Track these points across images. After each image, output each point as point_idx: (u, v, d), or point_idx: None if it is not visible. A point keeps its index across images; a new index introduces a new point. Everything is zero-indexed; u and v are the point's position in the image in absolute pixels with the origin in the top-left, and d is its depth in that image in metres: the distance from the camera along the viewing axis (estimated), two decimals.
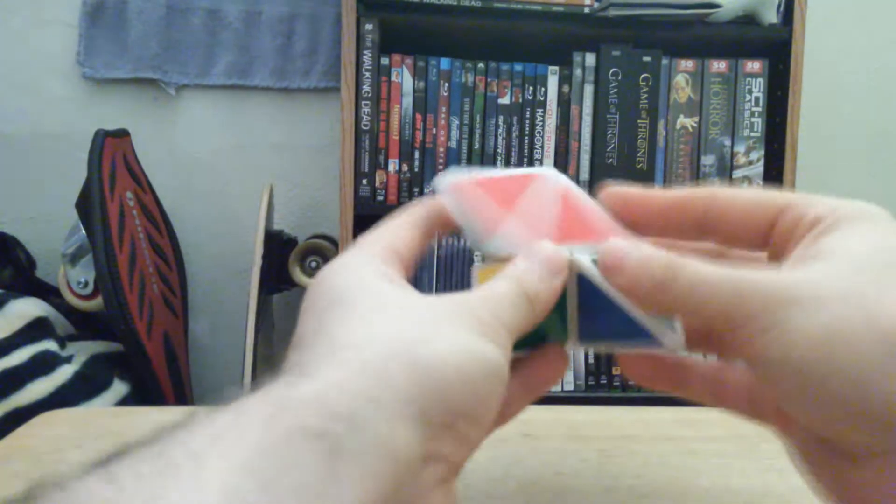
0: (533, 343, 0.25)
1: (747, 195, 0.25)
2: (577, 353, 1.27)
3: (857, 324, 0.19)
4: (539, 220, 0.26)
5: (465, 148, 1.26)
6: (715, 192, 0.26)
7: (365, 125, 1.22)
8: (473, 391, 0.19)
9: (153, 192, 1.35)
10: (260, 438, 0.16)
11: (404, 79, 1.24)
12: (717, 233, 0.26)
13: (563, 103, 1.26)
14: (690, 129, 1.28)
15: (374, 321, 0.20)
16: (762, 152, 1.28)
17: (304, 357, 0.19)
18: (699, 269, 0.22)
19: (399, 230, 0.26)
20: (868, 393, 0.19)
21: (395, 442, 0.17)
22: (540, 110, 1.26)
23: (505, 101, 1.26)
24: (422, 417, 0.18)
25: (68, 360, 1.08)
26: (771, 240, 0.25)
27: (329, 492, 0.16)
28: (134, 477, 0.15)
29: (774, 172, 1.27)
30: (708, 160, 1.28)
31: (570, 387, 1.27)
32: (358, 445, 0.16)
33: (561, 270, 0.24)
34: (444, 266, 1.26)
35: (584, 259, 0.24)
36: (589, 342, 0.26)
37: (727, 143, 1.28)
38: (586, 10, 1.20)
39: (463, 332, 0.20)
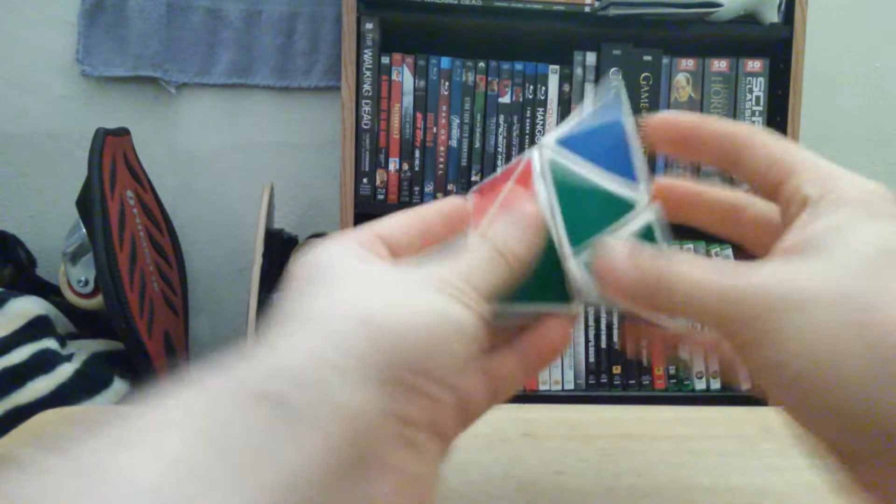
0: (531, 299, 0.25)
1: (762, 151, 0.24)
2: (578, 353, 1.27)
3: (847, 332, 0.19)
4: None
5: (465, 147, 1.26)
6: (738, 138, 0.25)
7: (365, 124, 1.22)
8: (434, 350, 0.19)
9: (153, 190, 1.35)
10: (213, 406, 0.16)
11: (405, 78, 1.24)
12: (739, 175, 0.26)
13: (564, 102, 1.26)
14: None
15: (341, 293, 0.20)
16: None
17: (271, 334, 0.19)
18: (691, 276, 0.22)
19: (393, 218, 0.26)
20: (864, 403, 0.18)
21: (351, 404, 0.17)
22: (541, 109, 1.26)
23: (505, 100, 1.26)
24: (379, 378, 0.18)
25: (68, 358, 1.08)
26: (777, 203, 0.24)
27: (284, 454, 0.16)
28: (86, 449, 0.15)
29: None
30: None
31: (570, 386, 1.27)
32: (313, 408, 0.16)
33: (532, 223, 0.24)
34: None
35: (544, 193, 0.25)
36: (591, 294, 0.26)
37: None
38: (587, 9, 1.20)
39: (427, 295, 0.20)
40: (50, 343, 1.06)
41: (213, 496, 0.14)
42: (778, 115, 1.26)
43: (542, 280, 0.25)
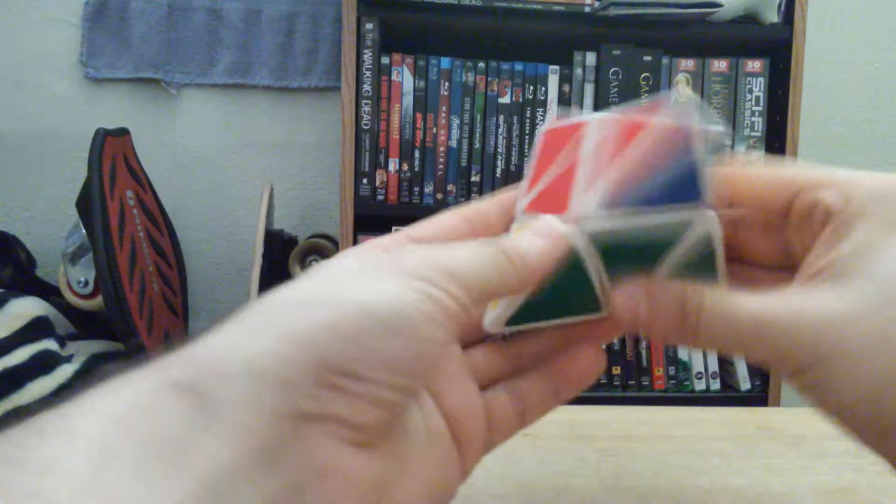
0: (557, 313, 0.24)
1: (763, 177, 0.24)
2: None
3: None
4: (558, 182, 0.25)
5: (465, 147, 1.26)
6: (735, 172, 0.25)
7: (365, 124, 1.22)
8: (350, 345, 0.18)
9: (153, 191, 1.35)
10: (132, 394, 0.16)
11: (405, 78, 1.24)
12: (743, 206, 0.25)
13: (564, 103, 1.26)
14: None
15: (292, 289, 0.20)
16: (763, 151, 1.28)
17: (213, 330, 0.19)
18: (724, 309, 0.21)
19: (430, 219, 0.25)
20: None
21: (263, 398, 0.17)
22: (540, 110, 1.26)
23: (505, 100, 1.26)
24: (288, 375, 0.17)
25: (68, 359, 1.08)
26: (789, 223, 0.24)
27: (197, 443, 0.16)
28: (4, 441, 0.15)
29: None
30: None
31: None
32: (227, 399, 0.16)
33: (551, 235, 0.23)
34: None
35: (577, 233, 0.23)
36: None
37: (728, 142, 1.28)
38: (587, 9, 1.20)
39: (368, 284, 0.19)
40: (50, 344, 1.06)
41: (130, 483, 0.15)
42: (777, 116, 1.26)
43: (569, 294, 0.24)
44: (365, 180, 1.23)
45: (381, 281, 0.19)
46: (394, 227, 1.19)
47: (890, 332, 0.19)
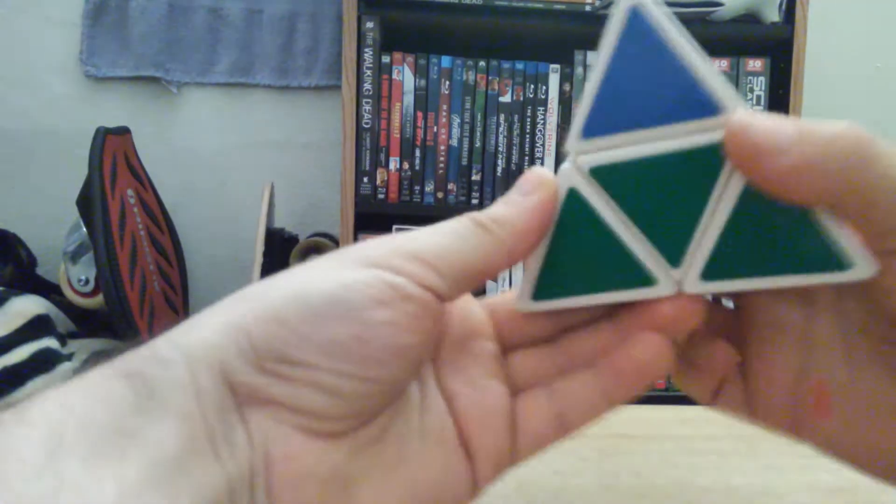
0: (595, 286, 0.20)
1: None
2: None
3: None
4: None
5: (466, 146, 1.26)
6: None
7: (366, 123, 1.22)
8: (283, 330, 0.18)
9: (154, 189, 1.35)
10: (82, 385, 0.17)
11: (405, 77, 1.24)
12: None
13: (565, 101, 1.26)
14: None
15: (250, 288, 0.20)
16: None
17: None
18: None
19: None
20: None
21: (201, 384, 0.17)
22: (541, 108, 1.26)
23: (506, 99, 1.25)
24: (224, 361, 0.18)
25: (69, 357, 1.08)
26: None
27: (145, 428, 0.16)
28: None
29: None
30: None
31: None
32: (168, 386, 0.17)
33: (536, 188, 0.20)
34: None
35: (572, 169, 0.19)
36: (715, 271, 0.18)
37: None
38: (588, 8, 1.20)
39: (316, 274, 0.19)
40: (50, 342, 1.06)
41: (84, 466, 0.15)
42: (779, 115, 1.26)
43: (598, 258, 0.20)
44: (366, 179, 1.23)
45: (331, 271, 0.19)
46: (394, 226, 1.19)
47: None
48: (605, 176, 0.19)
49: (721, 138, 0.18)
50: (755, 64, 1.27)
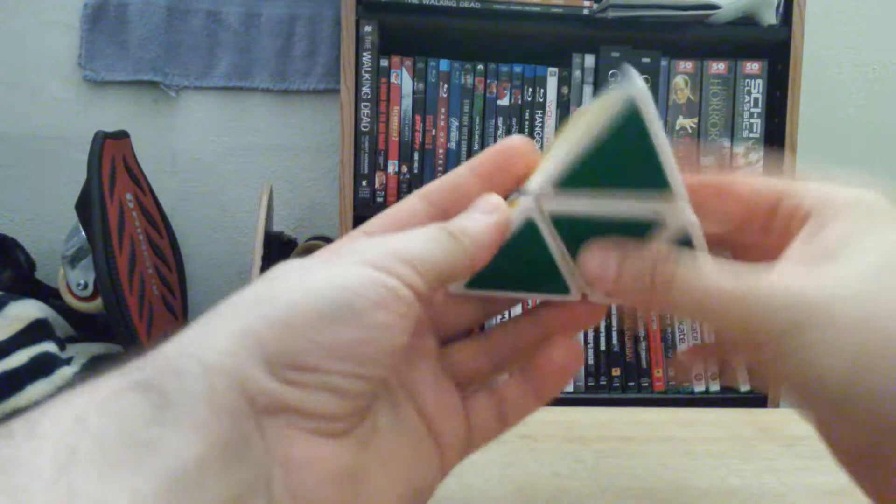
0: (520, 286, 0.25)
1: (745, 185, 0.25)
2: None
3: (878, 347, 0.19)
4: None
5: (464, 149, 1.26)
6: (718, 181, 0.25)
7: (364, 127, 1.22)
8: (298, 338, 0.18)
9: (153, 193, 1.35)
10: (94, 395, 0.16)
11: (403, 80, 1.24)
12: (726, 216, 0.25)
13: (563, 105, 1.26)
14: (690, 131, 1.28)
15: (250, 289, 0.20)
16: (761, 153, 1.28)
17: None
18: (699, 278, 0.21)
19: (381, 214, 0.25)
20: None
21: (218, 394, 0.17)
22: (539, 112, 1.26)
23: (504, 102, 1.26)
24: (241, 370, 0.18)
25: (68, 361, 1.08)
26: (771, 230, 0.24)
27: (160, 440, 0.16)
28: None
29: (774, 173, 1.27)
30: (707, 161, 1.28)
31: (569, 388, 1.27)
32: (184, 396, 0.17)
33: (494, 210, 0.23)
34: None
35: (525, 203, 0.23)
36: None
37: (726, 144, 1.28)
38: (585, 11, 1.20)
39: (318, 276, 0.20)
40: (49, 346, 1.06)
41: (97, 480, 0.15)
42: (776, 117, 1.26)
43: (531, 268, 0.24)
44: (364, 182, 1.23)
45: (332, 272, 0.20)
46: None
47: (878, 307, 0.19)
48: (561, 219, 0.23)
49: (659, 216, 0.23)
50: (753, 66, 1.28)
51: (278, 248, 1.34)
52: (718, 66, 1.27)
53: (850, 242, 0.21)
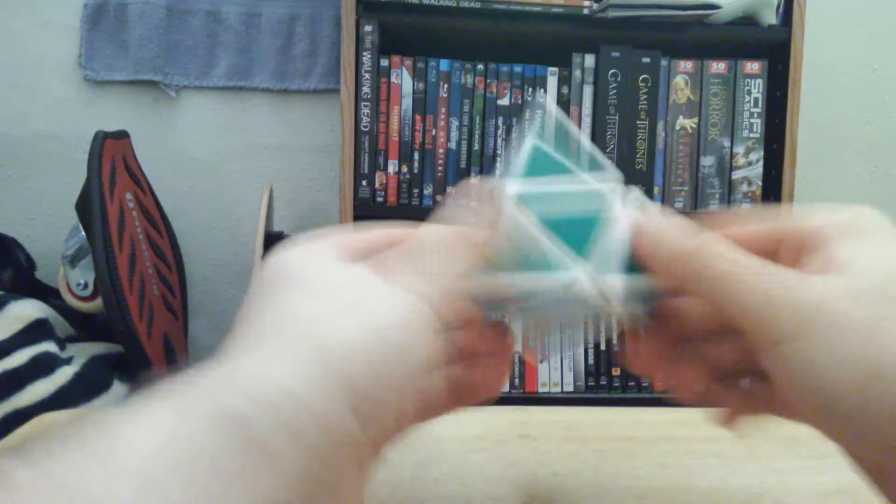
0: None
1: (744, 235, 0.25)
2: (578, 355, 1.27)
3: (884, 359, 0.19)
4: None
5: (464, 149, 1.26)
6: (726, 230, 0.25)
7: (364, 126, 1.22)
8: (373, 372, 0.19)
9: (153, 193, 1.35)
10: (174, 420, 0.16)
11: (404, 80, 1.24)
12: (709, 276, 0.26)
13: (563, 104, 1.26)
14: (690, 131, 1.28)
15: (302, 304, 0.20)
16: (761, 153, 1.28)
17: (235, 339, 0.20)
18: (735, 262, 0.22)
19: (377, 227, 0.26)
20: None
21: (303, 430, 0.17)
22: (539, 112, 1.26)
23: (504, 102, 1.26)
24: (325, 406, 0.18)
25: (68, 361, 1.08)
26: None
27: (242, 475, 0.16)
28: (54, 464, 0.15)
29: (774, 173, 1.27)
30: (707, 161, 1.28)
31: (569, 388, 1.27)
32: (270, 430, 0.17)
33: (487, 200, 0.25)
34: None
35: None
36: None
37: (726, 144, 1.28)
38: (585, 11, 1.20)
39: (378, 303, 0.20)
40: (49, 346, 1.06)
41: None
42: (776, 117, 1.26)
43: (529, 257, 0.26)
44: (364, 182, 1.23)
45: (388, 301, 0.21)
46: None
47: (883, 318, 0.20)
48: (528, 200, 0.27)
49: (598, 188, 0.27)
50: (753, 66, 1.28)
51: None
52: (718, 66, 1.27)
53: (858, 257, 0.22)
